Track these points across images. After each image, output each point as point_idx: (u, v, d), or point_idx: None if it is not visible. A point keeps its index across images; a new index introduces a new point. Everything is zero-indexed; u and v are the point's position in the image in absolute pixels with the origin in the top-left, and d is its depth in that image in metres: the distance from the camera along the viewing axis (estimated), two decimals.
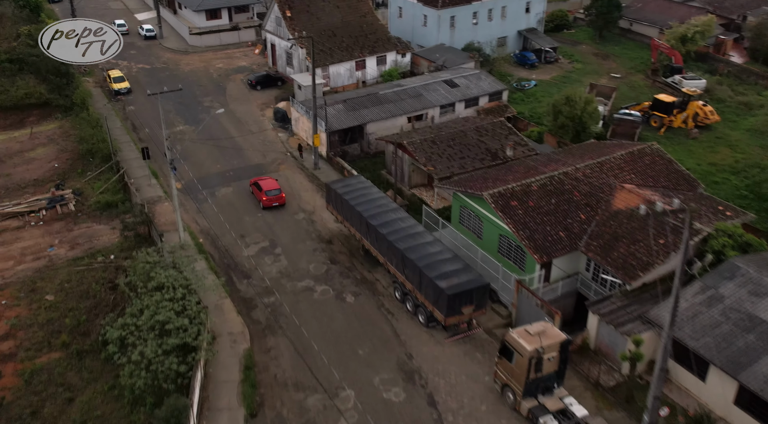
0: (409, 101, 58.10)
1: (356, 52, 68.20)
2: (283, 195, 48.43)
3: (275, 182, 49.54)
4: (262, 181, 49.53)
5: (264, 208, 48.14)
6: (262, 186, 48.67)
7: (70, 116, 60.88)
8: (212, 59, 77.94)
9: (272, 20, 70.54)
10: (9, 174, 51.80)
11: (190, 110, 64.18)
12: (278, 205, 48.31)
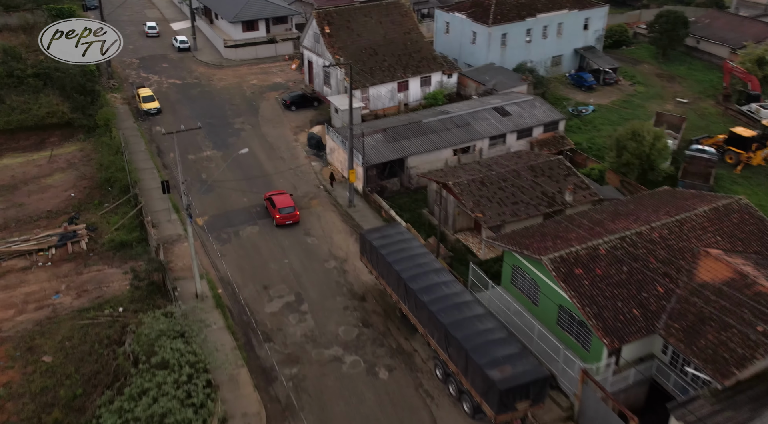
0: (456, 131, 52.71)
1: (399, 73, 63.09)
2: (297, 213, 46.49)
3: (290, 199, 47.32)
4: (276, 196, 47.41)
5: (277, 225, 46.13)
6: (276, 203, 46.58)
7: (93, 137, 57.25)
8: (247, 74, 73.78)
9: (310, 36, 65.95)
10: (22, 204, 48.18)
11: (219, 133, 59.95)
12: (292, 223, 46.29)
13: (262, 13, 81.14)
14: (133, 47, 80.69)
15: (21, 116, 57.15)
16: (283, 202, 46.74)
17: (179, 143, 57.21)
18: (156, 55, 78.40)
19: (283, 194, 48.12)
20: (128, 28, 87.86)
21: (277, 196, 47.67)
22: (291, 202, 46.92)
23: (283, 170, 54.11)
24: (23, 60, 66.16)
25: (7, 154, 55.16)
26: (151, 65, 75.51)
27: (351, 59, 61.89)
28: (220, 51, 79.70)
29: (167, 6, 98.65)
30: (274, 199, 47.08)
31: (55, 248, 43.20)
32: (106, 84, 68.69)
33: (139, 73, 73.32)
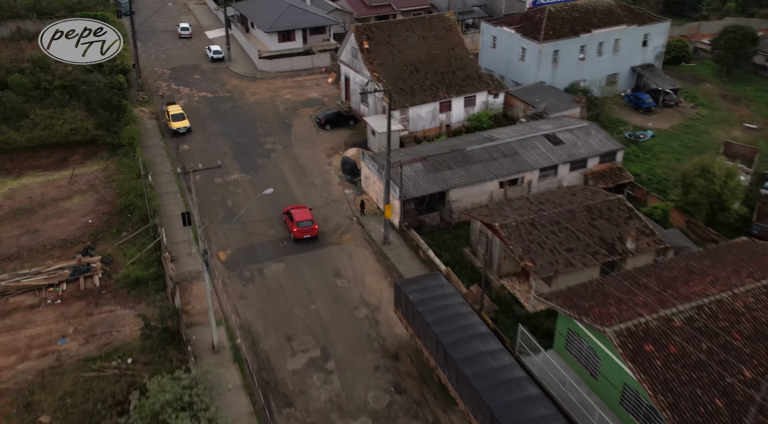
0: (502, 161, 48.17)
1: (441, 92, 58.75)
2: (315, 227, 45.13)
3: (308, 212, 46.15)
4: (294, 210, 46.29)
5: (294, 239, 44.71)
6: (294, 216, 45.41)
7: (116, 156, 54.34)
8: (281, 88, 70.30)
9: (348, 51, 62.08)
10: (37, 230, 45.34)
11: (249, 154, 56.49)
12: (309, 237, 44.97)
13: (299, 23, 77.67)
14: (166, 57, 78.03)
15: (44, 133, 54.56)
16: (301, 215, 45.39)
17: (205, 166, 54.19)
18: (188, 66, 75.54)
19: (302, 208, 46.78)
20: (162, 35, 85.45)
21: (296, 209, 46.33)
22: (309, 215, 45.59)
23: (314, 198, 50.28)
24: (51, 71, 63.89)
25: (27, 172, 52.60)
26: (183, 76, 72.63)
27: (391, 77, 57.89)
28: (255, 62, 76.47)
29: (204, 13, 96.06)
30: (292, 213, 45.75)
31: (67, 283, 40.11)
32: (135, 97, 65.97)
33: (170, 84, 70.47)
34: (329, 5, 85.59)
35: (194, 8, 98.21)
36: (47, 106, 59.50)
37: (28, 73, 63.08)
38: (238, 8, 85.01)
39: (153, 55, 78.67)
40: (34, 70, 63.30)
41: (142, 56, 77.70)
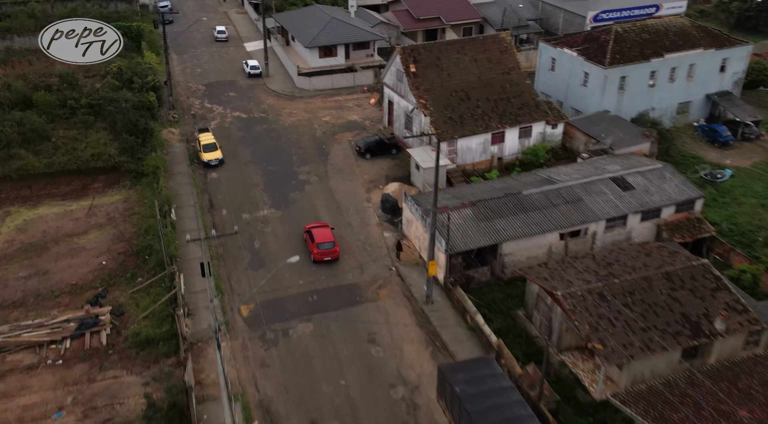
0: (563, 209, 42.39)
1: (494, 122, 53.14)
2: (336, 249, 43.09)
3: (330, 233, 43.95)
4: (316, 229, 44.24)
5: (314, 261, 42.70)
6: (315, 236, 43.44)
7: (139, 185, 50.37)
8: (319, 109, 65.61)
9: (392, 73, 56.96)
10: (47, 272, 41.48)
11: (281, 185, 51.88)
12: (330, 259, 42.88)
13: (341, 38, 72.94)
14: (201, 71, 74.21)
15: (64, 158, 50.91)
16: (322, 236, 43.40)
17: (233, 199, 50.01)
18: (224, 82, 71.51)
19: (324, 228, 44.61)
20: (200, 47, 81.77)
21: (318, 229, 44.24)
22: (331, 236, 43.49)
23: (349, 241, 45.34)
24: (79, 87, 60.45)
25: (45, 201, 49.03)
26: (218, 93, 68.58)
27: (439, 104, 52.58)
28: (293, 79, 72.02)
29: (244, 23, 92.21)
30: (313, 233, 43.79)
31: (71, 340, 36.01)
32: (165, 116, 62.12)
33: (203, 102, 66.48)
34: (374, 18, 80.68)
35: (235, 18, 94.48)
36: (72, 127, 55.97)
37: (55, 89, 59.74)
38: (279, 20, 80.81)
39: (188, 68, 74.96)
40: (61, 87, 59.92)
41: (176, 70, 74.11)
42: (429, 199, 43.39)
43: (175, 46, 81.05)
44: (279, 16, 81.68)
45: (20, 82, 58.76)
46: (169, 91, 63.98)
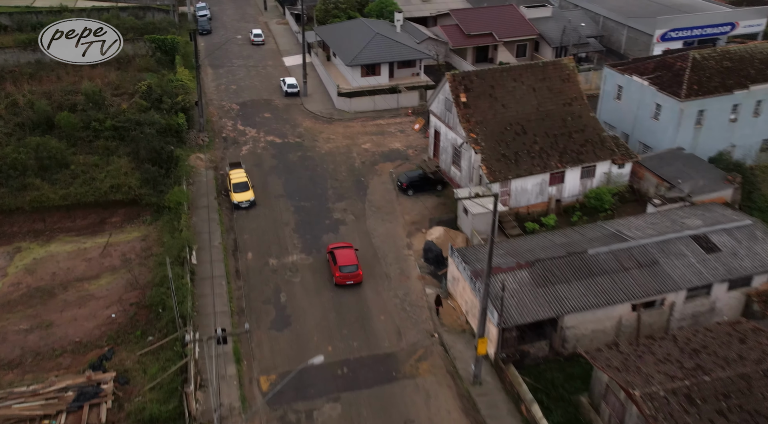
0: (636, 274, 36.41)
1: (553, 161, 47.33)
2: (360, 273, 41.07)
3: (353, 255, 41.72)
4: (339, 250, 42.08)
5: (336, 284, 40.87)
6: (338, 258, 41.38)
7: (160, 220, 46.14)
8: (359, 134, 60.65)
9: (440, 101, 51.60)
10: (50, 324, 37.44)
11: (313, 225, 47.09)
12: (353, 283, 40.91)
13: (385, 56, 67.86)
14: (236, 88, 70.04)
15: (81, 190, 46.99)
16: (345, 258, 41.34)
17: (260, 240, 45.39)
18: (259, 101, 67.16)
19: (348, 249, 42.41)
20: (237, 61, 77.71)
21: (341, 250, 42.11)
22: (354, 259, 41.45)
23: (386, 298, 40.20)
24: (105, 107, 56.74)
25: (58, 237, 45.18)
26: (252, 114, 64.24)
27: (491, 139, 47.05)
28: (332, 99, 67.26)
29: (284, 34, 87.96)
30: (336, 254, 41.66)
31: (67, 414, 31.70)
32: (195, 139, 57.97)
33: (236, 124, 62.19)
34: (421, 33, 75.37)
35: (275, 29, 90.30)
36: (94, 151, 52.23)
37: (80, 109, 56.16)
38: (320, 33, 76.14)
39: (223, 84, 70.89)
40: (86, 106, 56.32)
41: (210, 86, 70.15)
42: (478, 255, 38.04)
43: (212, 58, 77.30)
44: (320, 29, 77.05)
45: (43, 102, 55.30)
46: (200, 111, 59.84)
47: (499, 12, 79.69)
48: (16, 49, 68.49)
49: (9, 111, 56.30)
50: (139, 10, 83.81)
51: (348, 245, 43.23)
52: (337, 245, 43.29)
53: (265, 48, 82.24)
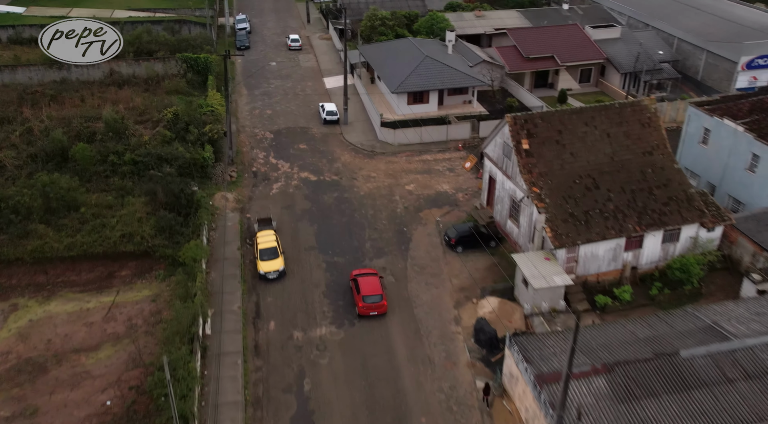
0: (744, 389, 29.11)
1: (630, 222, 40.16)
2: (384, 303, 38.51)
3: (378, 283, 39.19)
4: (362, 278, 39.60)
5: (359, 315, 38.39)
6: (361, 287, 38.94)
7: (175, 275, 40.62)
8: (403, 172, 54.34)
9: (497, 145, 44.90)
10: (35, 411, 32.14)
11: (347, 287, 40.95)
12: (377, 314, 38.35)
13: (435, 82, 61.38)
14: (271, 113, 64.49)
15: (89, 238, 41.85)
16: (369, 287, 38.80)
17: (286, 305, 39.49)
18: (295, 129, 61.44)
19: (372, 276, 39.80)
20: (274, 81, 72.26)
21: (364, 278, 39.53)
22: (379, 288, 38.91)
23: (427, 390, 33.76)
24: (126, 137, 51.77)
25: (60, 292, 40.07)
26: (286, 144, 58.53)
27: (558, 194, 40.20)
28: (375, 128, 61.12)
29: (326, 50, 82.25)
30: (359, 283, 39.17)
31: None
32: (222, 174, 52.51)
33: (267, 157, 56.55)
34: (475, 55, 68.62)
35: (317, 44, 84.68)
36: (110, 187, 47.28)
37: (98, 138, 51.37)
38: (364, 53, 70.09)
39: (257, 109, 65.45)
40: (105, 136, 51.48)
41: (244, 110, 64.81)
42: (543, 350, 31.43)
43: (248, 77, 72.15)
44: (365, 49, 70.99)
45: (59, 131, 50.57)
46: (229, 143, 54.40)
47: (561, 32, 72.43)
48: (42, 66, 64.38)
49: (23, 139, 51.96)
50: (175, 23, 79.51)
51: (372, 272, 40.58)
52: (360, 271, 40.67)
53: (304, 66, 76.63)
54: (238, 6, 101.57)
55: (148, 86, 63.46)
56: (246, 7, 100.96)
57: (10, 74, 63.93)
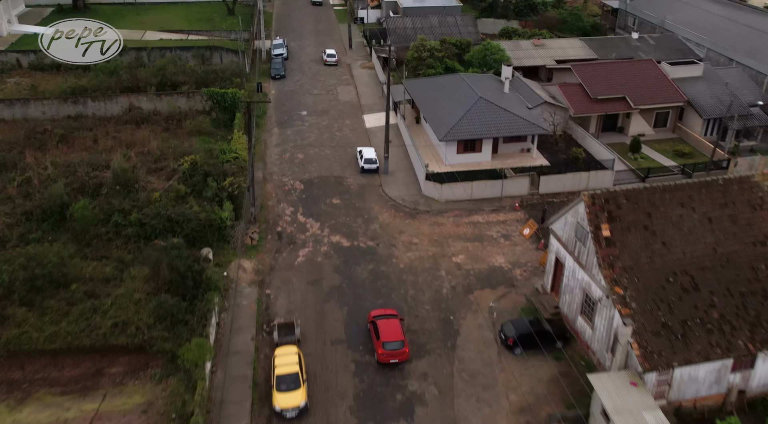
0: None
1: (740, 336, 31.68)
2: (406, 350, 34.98)
3: (399, 327, 35.78)
4: (382, 321, 36.24)
5: (378, 362, 34.93)
6: (381, 332, 35.46)
7: (173, 377, 33.74)
8: (451, 238, 46.66)
9: (569, 224, 36.84)
10: None
11: (378, 399, 33.42)
12: (398, 362, 34.84)
13: (490, 129, 53.60)
14: (303, 158, 57.55)
15: (75, 328, 35.18)
16: (389, 332, 35.48)
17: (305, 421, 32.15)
18: (329, 179, 54.33)
19: (392, 319, 36.56)
20: (309, 118, 65.44)
21: (384, 321, 36.35)
22: (400, 333, 35.57)
23: None
24: (136, 191, 45.42)
25: (36, 393, 33.47)
26: (318, 198, 51.47)
27: (645, 296, 32.02)
28: (419, 180, 53.58)
29: (368, 81, 75.16)
30: (378, 326, 36.00)
31: None
32: (241, 237, 45.65)
33: (296, 213, 49.56)
34: (535, 95, 60.50)
35: (358, 74, 77.68)
36: (111, 253, 40.90)
37: (104, 192, 45.16)
38: (409, 89, 62.71)
39: (288, 152, 58.61)
40: (112, 189, 45.23)
41: (272, 153, 58.09)
42: None
43: (280, 112, 65.68)
44: (410, 84, 63.61)
45: (60, 185, 44.47)
46: (252, 199, 47.55)
47: (634, 69, 63.76)
48: (56, 100, 58.89)
49: (21, 191, 46.11)
50: (206, 50, 73.43)
51: (392, 314, 37.42)
52: (380, 312, 37.57)
53: (343, 100, 69.65)
54: (277, 27, 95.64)
55: (168, 125, 57.35)
56: (285, 28, 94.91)
57: (22, 108, 58.62)
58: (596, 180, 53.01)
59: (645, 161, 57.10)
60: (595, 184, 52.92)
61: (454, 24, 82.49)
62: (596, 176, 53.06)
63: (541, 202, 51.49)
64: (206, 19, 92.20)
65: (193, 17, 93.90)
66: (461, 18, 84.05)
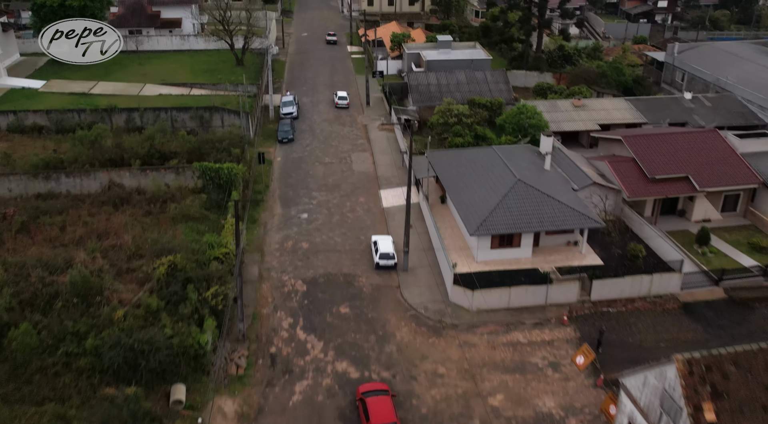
0: None
1: None
2: None
3: (390, 406, 31.70)
4: (372, 398, 32.23)
5: None
6: (370, 412, 31.43)
7: None
8: (485, 367, 37.30)
9: (649, 386, 27.36)
10: None
11: None
12: None
13: (531, 221, 44.55)
14: (309, 248, 48.78)
15: None
16: (380, 412, 31.18)
17: None
18: (337, 277, 45.45)
19: (383, 396, 32.27)
20: (318, 194, 57.03)
21: (374, 398, 32.16)
22: (392, 414, 31.19)
23: None
24: (96, 305, 36.93)
25: None
26: (322, 305, 42.53)
27: None
28: (445, 282, 44.50)
29: (386, 149, 66.57)
30: (368, 405, 31.78)
31: None
32: (225, 363, 36.69)
33: (295, 325, 40.59)
34: (581, 173, 51.53)
35: (376, 138, 69.21)
36: (56, 393, 32.22)
37: (58, 306, 36.64)
38: (433, 163, 53.86)
39: (291, 239, 49.92)
40: (68, 302, 36.75)
41: (272, 240, 49.49)
42: None
43: (285, 186, 57.39)
44: (435, 156, 54.90)
45: (4, 299, 36.04)
46: (240, 313, 38.69)
47: (695, 141, 54.68)
48: (25, 176, 51.11)
49: None
50: (205, 111, 65.64)
51: (383, 389, 33.70)
52: (369, 388, 33.68)
53: (357, 171, 61.12)
54: (289, 78, 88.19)
55: (151, 208, 49.05)
56: (298, 80, 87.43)
57: None
58: (660, 284, 43.65)
59: (716, 257, 47.59)
60: (659, 290, 43.64)
61: (484, 81, 74.23)
62: (660, 280, 43.67)
63: (595, 313, 42.11)
64: (212, 70, 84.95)
65: (198, 68, 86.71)
66: (491, 73, 75.81)
